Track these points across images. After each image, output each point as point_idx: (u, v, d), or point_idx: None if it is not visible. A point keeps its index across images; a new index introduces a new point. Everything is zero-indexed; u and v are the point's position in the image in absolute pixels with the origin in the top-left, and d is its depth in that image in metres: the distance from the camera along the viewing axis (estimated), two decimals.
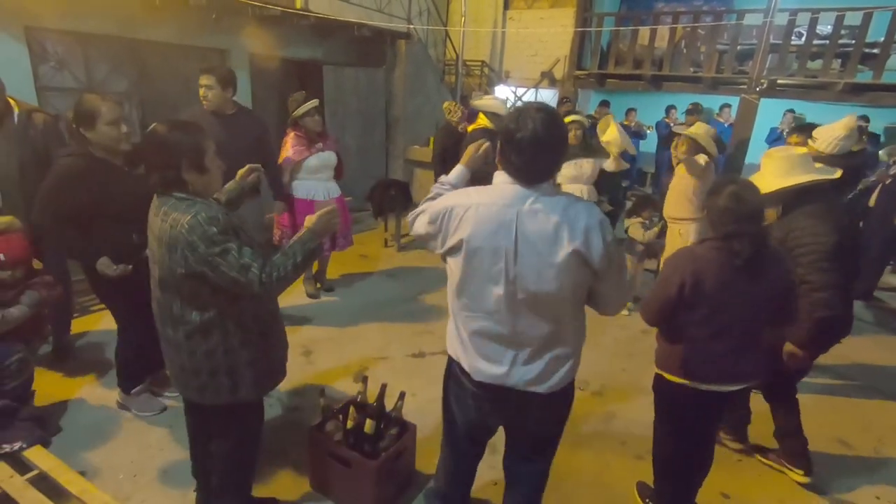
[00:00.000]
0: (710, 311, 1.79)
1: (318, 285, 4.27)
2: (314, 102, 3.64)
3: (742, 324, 1.81)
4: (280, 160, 3.71)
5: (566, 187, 3.81)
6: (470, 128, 4.20)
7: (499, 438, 1.79)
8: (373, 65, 6.73)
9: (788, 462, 2.45)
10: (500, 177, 1.42)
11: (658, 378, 2.01)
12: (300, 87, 6.79)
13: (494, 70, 9.70)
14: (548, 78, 8.95)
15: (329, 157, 3.82)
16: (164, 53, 4.67)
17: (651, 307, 1.90)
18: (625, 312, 4.06)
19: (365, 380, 2.27)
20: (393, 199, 5.45)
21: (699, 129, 3.62)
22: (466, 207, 1.39)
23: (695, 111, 6.19)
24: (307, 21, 5.24)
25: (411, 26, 6.79)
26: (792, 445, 2.44)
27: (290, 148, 3.69)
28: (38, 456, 2.12)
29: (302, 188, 3.79)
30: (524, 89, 9.23)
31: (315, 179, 3.81)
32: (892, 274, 5.30)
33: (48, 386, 2.74)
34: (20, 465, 2.09)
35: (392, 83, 6.90)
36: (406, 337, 3.62)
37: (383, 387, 2.19)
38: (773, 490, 2.39)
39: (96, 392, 2.78)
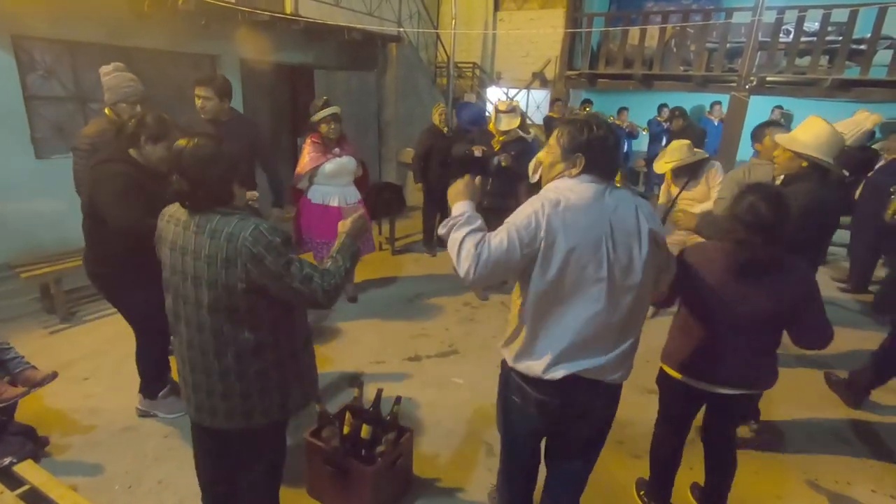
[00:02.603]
0: (708, 310, 1.82)
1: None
2: (331, 110, 3.66)
3: (745, 331, 1.82)
4: (298, 168, 3.76)
5: None
6: (500, 137, 4.15)
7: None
8: (364, 68, 6.72)
9: None
10: (571, 180, 1.50)
11: (659, 371, 2.05)
12: (291, 92, 6.80)
13: (486, 71, 9.72)
14: (539, 79, 8.98)
15: (348, 162, 3.81)
16: (154, 60, 4.64)
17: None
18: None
19: (361, 384, 2.26)
20: (387, 202, 5.44)
21: (676, 154, 3.52)
22: (556, 204, 1.44)
23: (672, 116, 6.52)
24: (297, 25, 5.23)
25: (402, 29, 6.79)
26: None
27: (306, 155, 3.70)
28: (28, 470, 2.09)
29: (317, 193, 3.80)
30: (516, 90, 9.25)
31: (331, 185, 3.80)
32: (883, 267, 5.33)
33: (38, 399, 2.70)
34: (11, 481, 2.06)
35: (383, 86, 6.89)
36: (402, 340, 3.60)
37: (379, 391, 2.18)
38: (770, 486, 2.40)
39: (88, 403, 2.75)
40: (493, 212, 3.94)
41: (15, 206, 3.79)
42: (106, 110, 2.89)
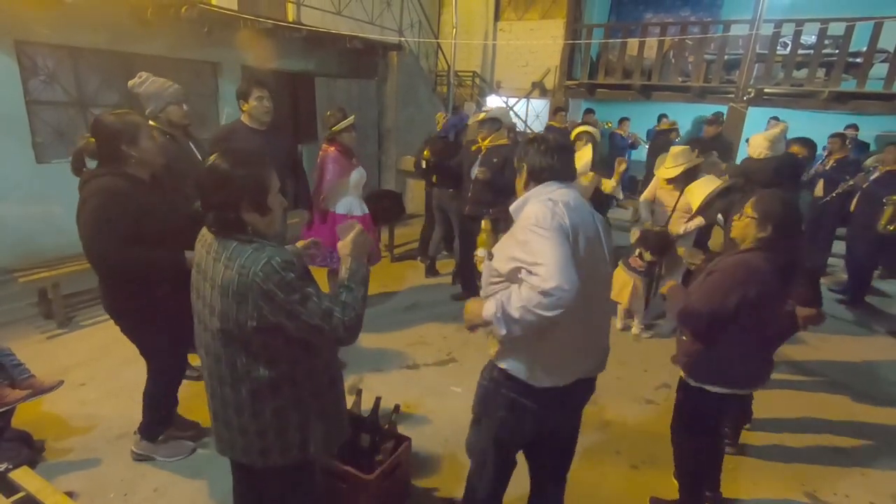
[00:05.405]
0: (759, 320, 1.86)
1: None
2: (351, 119, 3.59)
3: (774, 328, 1.95)
4: (325, 184, 3.60)
5: None
6: (485, 144, 4.03)
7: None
8: (365, 76, 6.76)
9: None
10: (549, 185, 1.54)
11: (695, 391, 1.99)
12: (293, 99, 6.83)
13: (486, 80, 9.79)
14: (539, 88, 9.04)
15: (363, 172, 3.81)
16: (156, 67, 4.63)
17: (702, 318, 1.83)
18: (635, 331, 3.89)
19: (359, 393, 2.25)
20: (386, 210, 5.44)
21: (683, 158, 3.54)
22: (555, 202, 1.47)
23: (713, 121, 6.12)
24: (299, 33, 5.27)
25: (403, 38, 6.85)
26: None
27: (331, 167, 3.59)
28: (24, 477, 2.07)
29: (343, 204, 3.74)
30: (515, 99, 9.31)
31: (353, 195, 3.78)
32: (879, 279, 5.36)
33: (34, 404, 2.69)
34: (6, 487, 2.05)
35: (384, 94, 6.93)
36: (400, 348, 3.59)
37: (377, 400, 2.17)
38: (768, 494, 2.39)
39: (84, 409, 2.74)
40: (475, 219, 4.05)
41: (14, 209, 3.79)
42: (151, 122, 2.50)
